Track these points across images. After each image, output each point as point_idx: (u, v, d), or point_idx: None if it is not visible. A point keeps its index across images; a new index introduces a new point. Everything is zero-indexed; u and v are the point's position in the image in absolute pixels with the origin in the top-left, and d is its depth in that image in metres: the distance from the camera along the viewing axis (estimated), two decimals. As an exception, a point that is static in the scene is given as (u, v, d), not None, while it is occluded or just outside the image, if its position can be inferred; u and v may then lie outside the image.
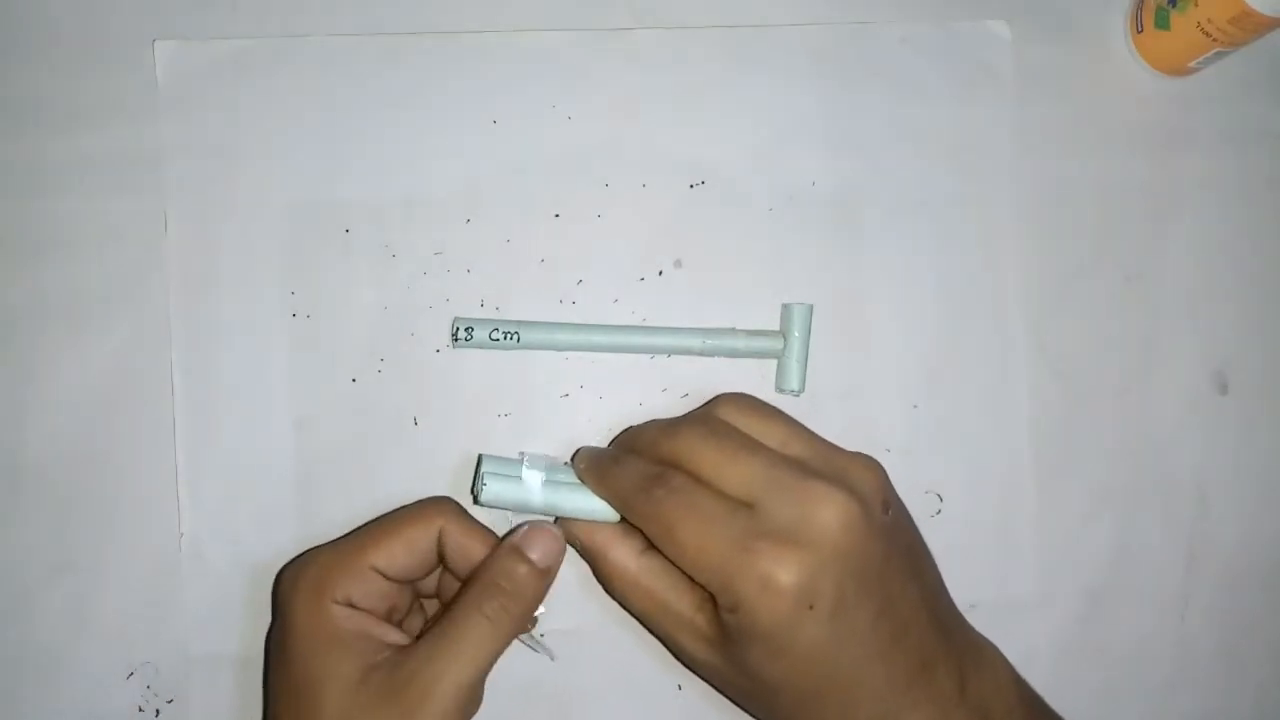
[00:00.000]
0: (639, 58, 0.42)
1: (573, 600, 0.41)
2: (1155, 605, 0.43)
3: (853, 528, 0.34)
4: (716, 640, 0.36)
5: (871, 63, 0.43)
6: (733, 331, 0.42)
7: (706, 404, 0.39)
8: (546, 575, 0.37)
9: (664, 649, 0.39)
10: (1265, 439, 0.44)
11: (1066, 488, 0.43)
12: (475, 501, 0.38)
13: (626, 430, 0.40)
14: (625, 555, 0.37)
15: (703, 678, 0.39)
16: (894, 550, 0.35)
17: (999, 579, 0.42)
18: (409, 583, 0.38)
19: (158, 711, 0.40)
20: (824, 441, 0.37)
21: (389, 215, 0.41)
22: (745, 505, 0.35)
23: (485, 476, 0.38)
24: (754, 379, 0.42)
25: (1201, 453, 0.44)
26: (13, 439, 0.40)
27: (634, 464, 0.37)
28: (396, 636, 0.36)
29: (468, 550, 0.37)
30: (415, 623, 0.39)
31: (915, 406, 0.42)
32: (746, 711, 0.38)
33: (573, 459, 0.39)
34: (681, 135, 0.42)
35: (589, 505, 0.38)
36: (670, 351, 0.42)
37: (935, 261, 0.43)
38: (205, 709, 0.40)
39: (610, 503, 0.38)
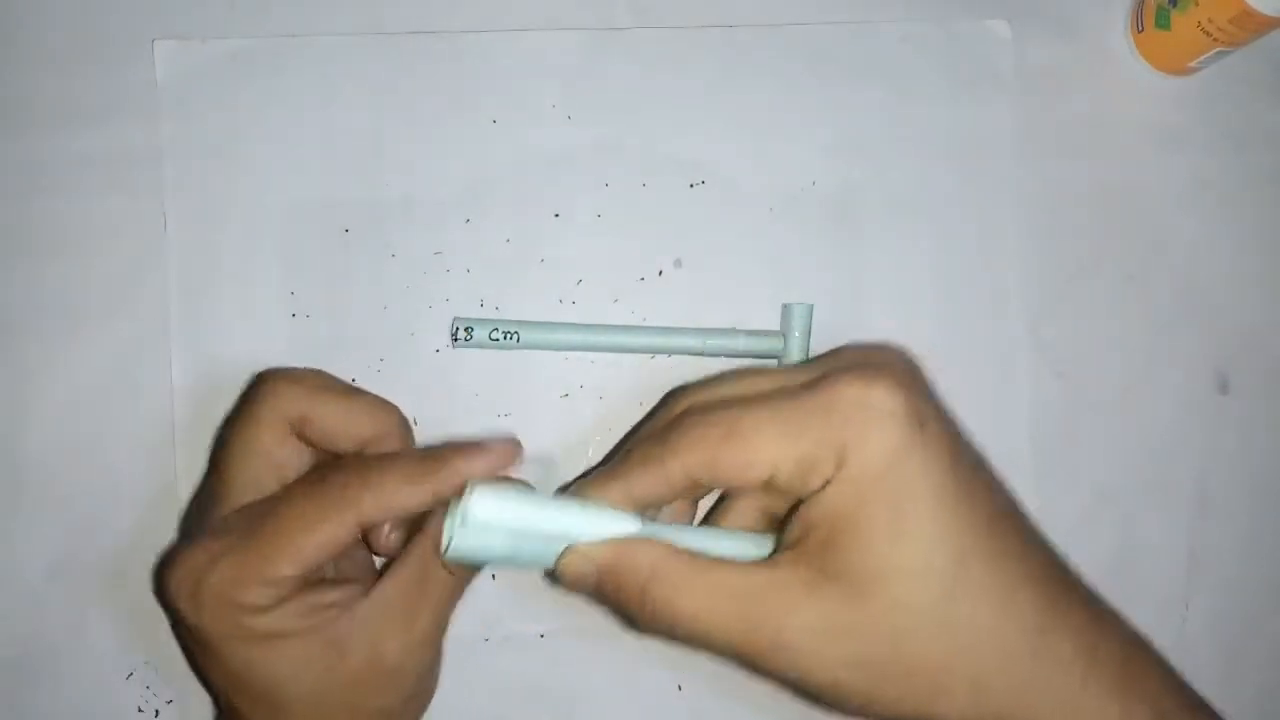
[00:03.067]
0: (639, 58, 0.42)
1: (574, 600, 0.41)
2: (1156, 606, 0.43)
3: (916, 371, 0.31)
4: (820, 577, 0.28)
5: (871, 63, 0.43)
6: (733, 331, 0.42)
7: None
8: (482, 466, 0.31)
9: (667, 651, 0.40)
10: (1266, 439, 0.44)
11: (1066, 488, 0.43)
12: (443, 561, 0.31)
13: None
14: (658, 549, 0.30)
15: (834, 703, 0.30)
16: (960, 430, 0.31)
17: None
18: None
19: (157, 712, 0.40)
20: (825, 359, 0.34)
21: (389, 215, 0.41)
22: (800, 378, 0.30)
23: (475, 490, 0.30)
24: (754, 379, 0.42)
25: (1202, 453, 0.44)
26: (12, 439, 0.40)
27: (643, 440, 0.31)
28: (335, 595, 0.32)
29: (405, 506, 0.32)
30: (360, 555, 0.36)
31: (915, 406, 0.42)
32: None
33: (567, 488, 0.33)
34: (681, 135, 0.42)
35: (601, 523, 0.30)
36: (670, 351, 0.42)
37: (935, 261, 0.43)
38: (205, 709, 0.40)
39: (633, 491, 0.30)
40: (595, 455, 0.42)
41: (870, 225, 0.43)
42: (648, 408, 0.42)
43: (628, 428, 0.42)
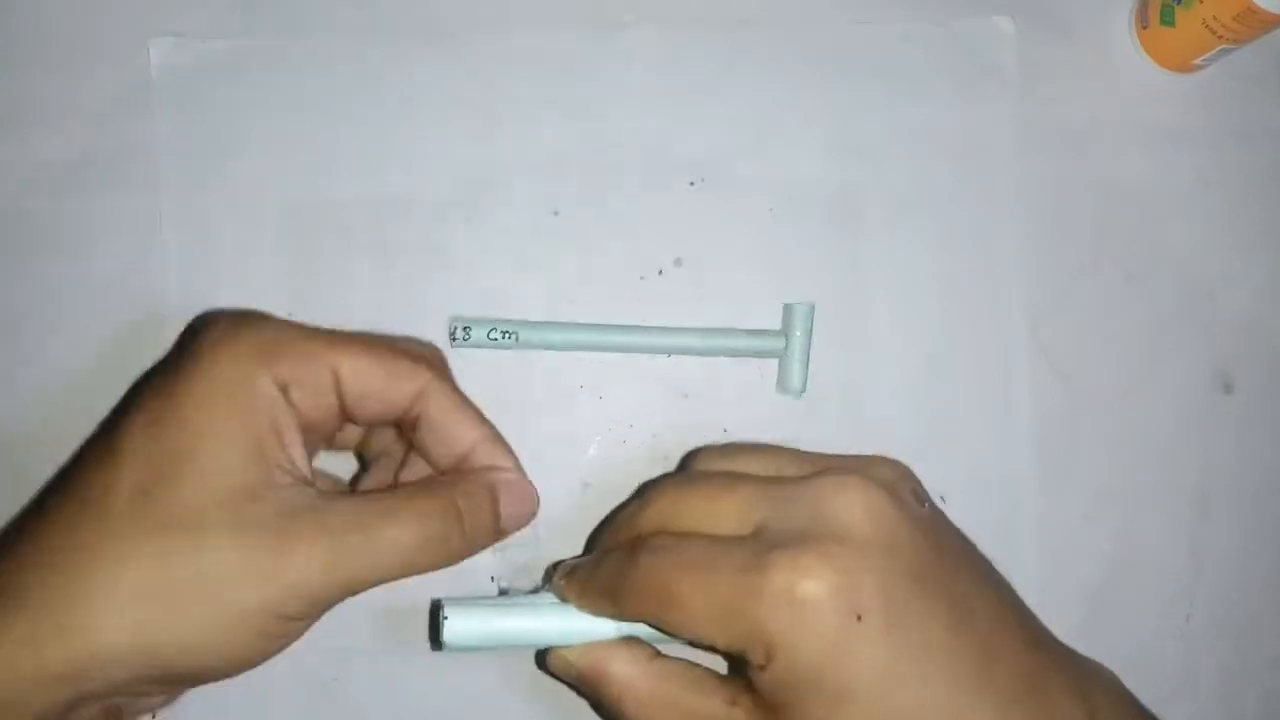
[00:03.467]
0: (639, 58, 0.42)
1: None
2: (1157, 606, 0.43)
3: (882, 516, 0.28)
4: None
5: (872, 61, 0.43)
6: (733, 331, 0.42)
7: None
8: (498, 537, 0.32)
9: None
10: (1267, 439, 0.44)
11: (1067, 488, 0.43)
12: (435, 647, 0.33)
13: (597, 527, 0.39)
14: (630, 665, 0.31)
15: None
16: (946, 546, 0.29)
17: (999, 579, 0.43)
18: (338, 425, 0.32)
19: (156, 712, 0.40)
20: (824, 456, 0.33)
21: (389, 215, 0.41)
22: (744, 537, 0.29)
23: (447, 611, 0.32)
24: (754, 379, 0.42)
25: (1203, 453, 0.43)
26: (11, 439, 0.40)
27: (612, 552, 0.32)
28: (305, 469, 0.30)
29: (443, 429, 0.32)
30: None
31: (915, 406, 0.42)
32: None
33: (548, 579, 0.35)
34: (681, 135, 0.42)
35: (580, 626, 0.32)
36: (670, 351, 0.42)
37: (936, 261, 0.43)
38: (205, 709, 0.40)
39: (598, 607, 0.32)
40: (595, 455, 0.42)
41: (870, 225, 0.43)
42: (648, 408, 0.42)
43: (628, 428, 0.42)
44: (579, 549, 0.41)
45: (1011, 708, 0.27)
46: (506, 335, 0.40)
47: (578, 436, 0.42)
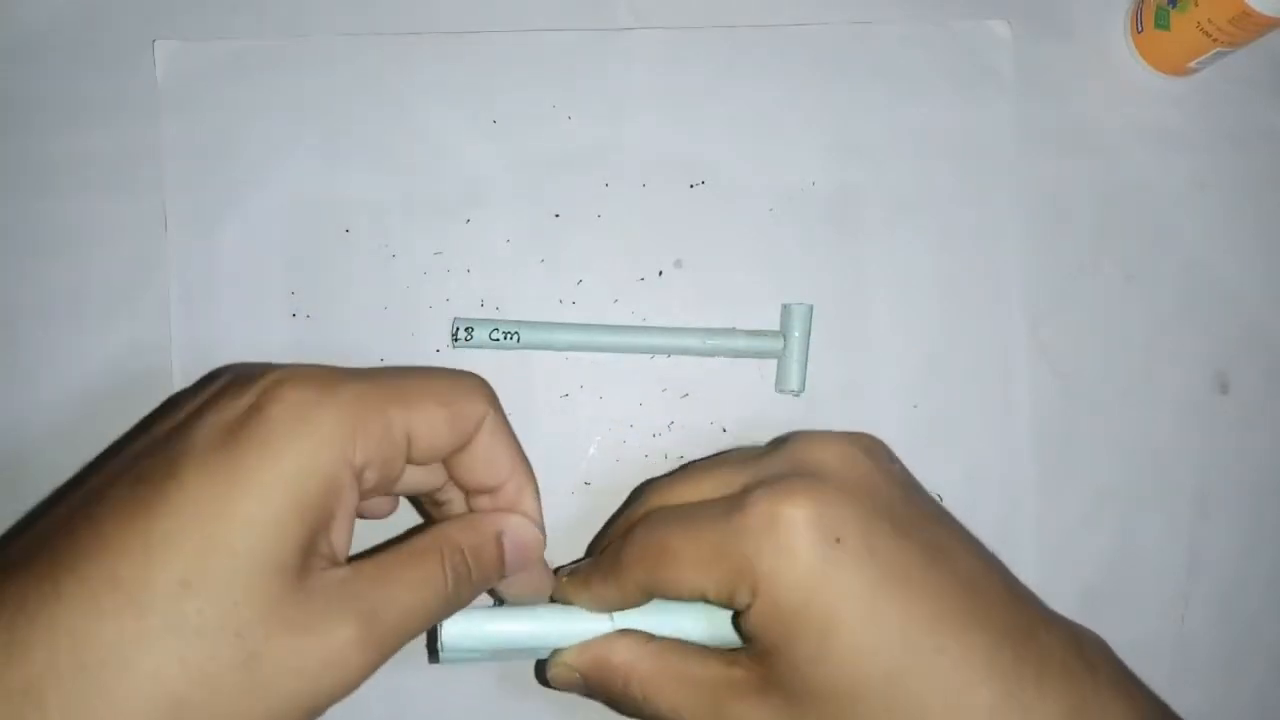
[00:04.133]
0: (639, 58, 0.42)
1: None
2: (1155, 606, 0.43)
3: (857, 462, 0.29)
4: (766, 682, 0.29)
5: (871, 63, 0.43)
6: (733, 331, 0.42)
7: None
8: (502, 578, 0.32)
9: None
10: (1266, 439, 0.44)
11: (1066, 488, 0.43)
12: (433, 659, 0.34)
13: (594, 539, 0.40)
14: (630, 650, 0.32)
15: None
16: (919, 500, 0.30)
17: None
18: (395, 483, 0.30)
19: None
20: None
21: (389, 215, 0.41)
22: (731, 495, 0.30)
23: (444, 623, 0.32)
24: (754, 379, 0.42)
25: (1202, 453, 0.44)
26: (12, 439, 0.40)
27: (610, 544, 0.33)
28: (345, 549, 0.28)
29: (485, 464, 0.31)
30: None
31: (915, 406, 0.42)
32: None
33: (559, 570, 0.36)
34: (681, 135, 0.42)
35: (578, 627, 0.33)
36: (670, 351, 0.42)
37: (935, 261, 0.43)
38: (205, 709, 0.40)
39: (599, 590, 0.33)
40: (595, 454, 0.42)
41: (870, 225, 0.43)
42: (648, 408, 0.42)
43: (628, 428, 0.42)
44: (579, 548, 0.41)
45: (1002, 645, 0.27)
46: (508, 336, 0.41)
47: (578, 436, 0.42)
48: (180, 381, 0.41)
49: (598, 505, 0.41)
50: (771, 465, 0.30)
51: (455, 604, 0.30)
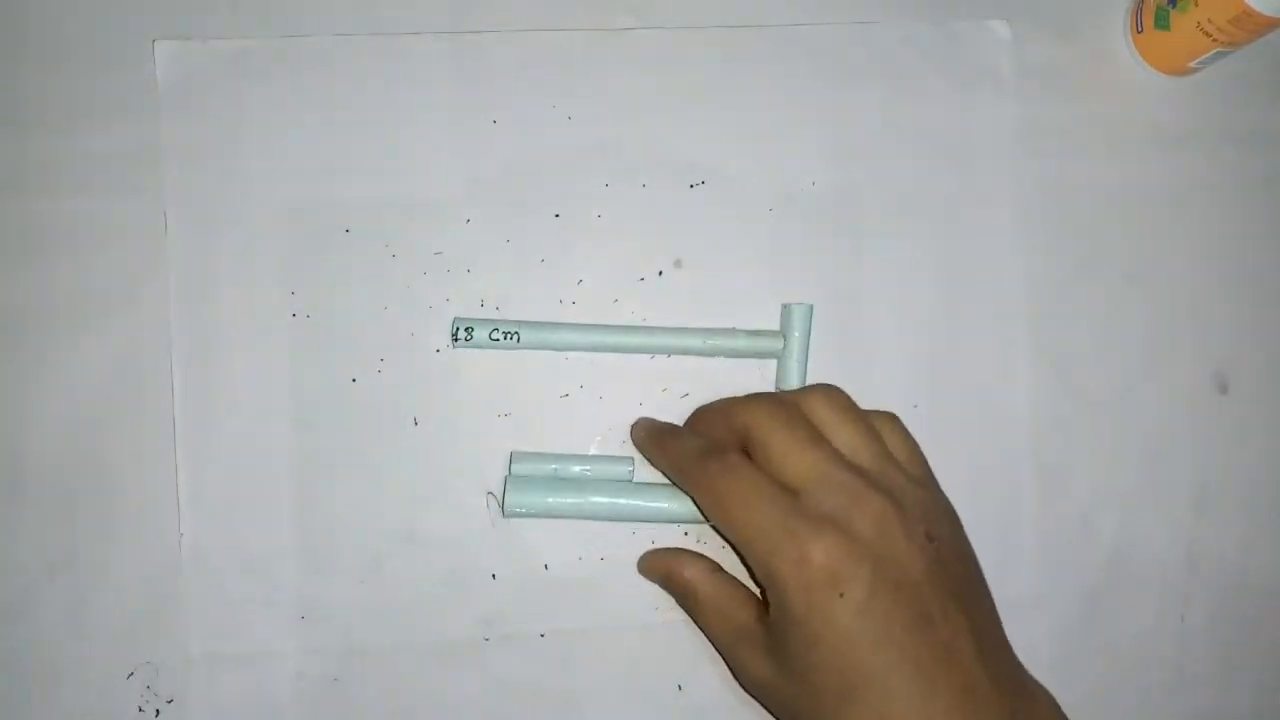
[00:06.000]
0: (639, 58, 0.42)
1: (574, 600, 0.41)
2: (1155, 605, 0.43)
3: (888, 534, 0.35)
4: (770, 647, 0.36)
5: (871, 63, 0.43)
6: (733, 331, 0.42)
7: (801, 389, 0.40)
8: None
9: (667, 651, 0.40)
10: (1265, 439, 0.44)
11: (1066, 488, 0.43)
12: (504, 513, 0.41)
13: (696, 410, 0.41)
14: (697, 573, 0.40)
15: (763, 702, 0.38)
16: (938, 573, 0.35)
17: (999, 579, 0.42)
18: None
19: (158, 711, 0.40)
20: (896, 463, 0.37)
21: (389, 215, 0.41)
22: (793, 491, 0.36)
23: (511, 483, 0.40)
24: (754, 379, 0.42)
25: (1201, 453, 0.44)
26: (13, 439, 0.40)
27: (693, 438, 0.39)
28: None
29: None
30: None
31: (915, 406, 0.42)
32: None
33: (631, 432, 0.41)
34: (681, 135, 0.42)
35: (603, 469, 0.40)
36: (670, 351, 0.42)
37: (935, 261, 0.43)
38: (205, 709, 0.40)
39: (666, 472, 0.39)
40: (595, 454, 0.42)
41: (870, 225, 0.43)
42: (648, 408, 0.42)
43: (628, 428, 0.42)
44: (579, 548, 0.41)
45: (941, 699, 0.33)
46: (508, 336, 0.41)
47: (578, 436, 0.42)
48: (180, 381, 0.41)
49: (598, 505, 0.41)
50: (829, 499, 0.35)
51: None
